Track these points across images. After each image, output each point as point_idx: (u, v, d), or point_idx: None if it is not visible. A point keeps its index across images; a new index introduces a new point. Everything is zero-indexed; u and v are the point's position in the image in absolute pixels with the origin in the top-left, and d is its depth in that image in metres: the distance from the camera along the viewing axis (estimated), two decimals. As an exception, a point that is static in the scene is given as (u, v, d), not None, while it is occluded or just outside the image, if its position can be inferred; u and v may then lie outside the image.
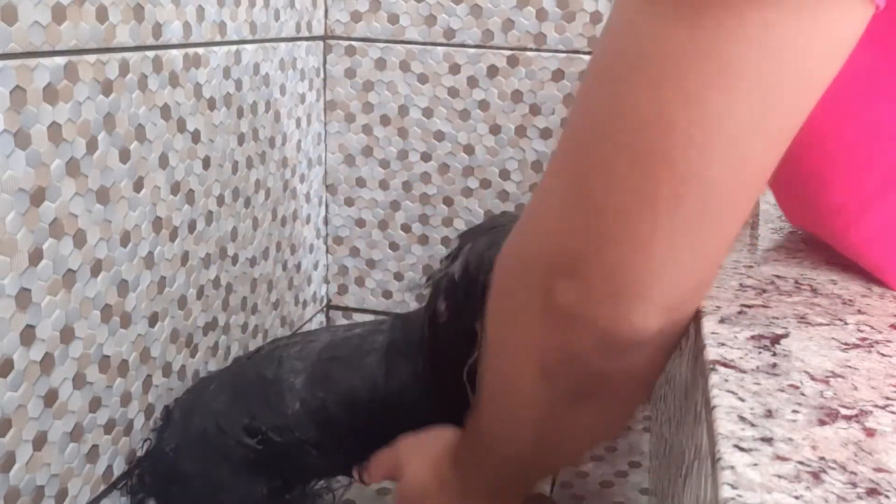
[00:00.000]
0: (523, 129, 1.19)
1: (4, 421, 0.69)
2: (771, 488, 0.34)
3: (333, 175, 1.28)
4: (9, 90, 0.65)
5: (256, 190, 1.07)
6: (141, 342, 0.85)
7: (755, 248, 0.69)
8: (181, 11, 0.86)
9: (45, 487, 0.74)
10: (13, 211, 0.67)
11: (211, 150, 0.95)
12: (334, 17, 1.21)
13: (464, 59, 1.18)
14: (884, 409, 0.41)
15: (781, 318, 0.52)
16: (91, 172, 0.75)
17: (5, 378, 0.68)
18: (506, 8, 1.15)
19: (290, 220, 1.18)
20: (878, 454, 0.37)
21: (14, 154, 0.67)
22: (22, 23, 0.66)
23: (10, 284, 0.68)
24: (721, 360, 0.45)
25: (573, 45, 1.14)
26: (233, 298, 1.03)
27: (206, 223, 0.96)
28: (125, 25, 0.78)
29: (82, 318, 0.76)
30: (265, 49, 1.05)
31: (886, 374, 0.45)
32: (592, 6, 1.12)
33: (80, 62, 0.73)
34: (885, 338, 0.50)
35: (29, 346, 0.70)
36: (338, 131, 1.26)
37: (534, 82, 1.17)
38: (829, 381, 0.43)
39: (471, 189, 1.23)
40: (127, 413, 0.84)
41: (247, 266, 1.06)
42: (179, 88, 0.87)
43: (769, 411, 0.40)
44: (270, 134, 1.09)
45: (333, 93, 1.24)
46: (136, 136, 0.81)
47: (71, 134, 0.72)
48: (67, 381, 0.75)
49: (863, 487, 0.34)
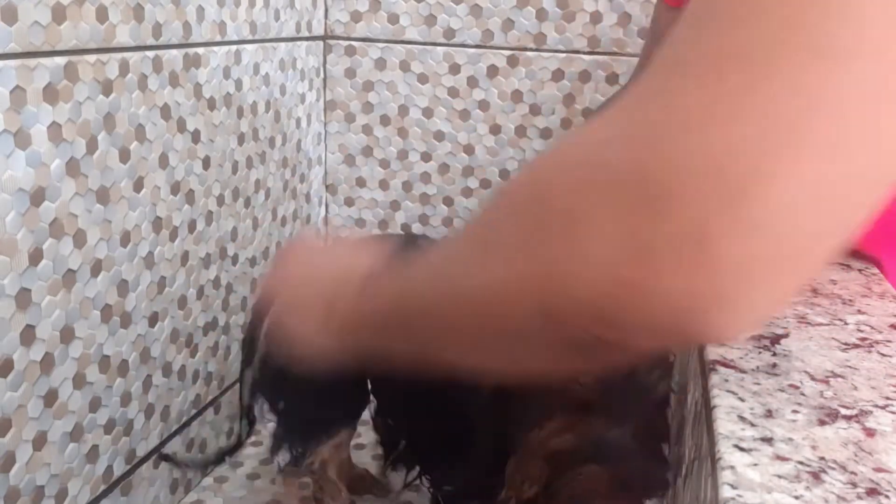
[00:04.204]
0: (523, 129, 1.19)
1: (4, 421, 0.69)
2: (771, 488, 0.34)
3: (333, 175, 1.28)
4: (9, 90, 0.65)
5: (256, 190, 1.07)
6: (141, 342, 0.85)
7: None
8: (181, 11, 0.86)
9: (45, 487, 0.74)
10: (13, 211, 0.67)
11: (211, 150, 0.95)
12: (334, 17, 1.21)
13: (464, 59, 1.18)
14: (884, 409, 0.41)
15: (781, 318, 0.52)
16: (91, 172, 0.75)
17: (5, 378, 0.68)
18: (506, 8, 1.15)
19: (290, 220, 1.18)
20: (878, 454, 0.37)
21: (14, 154, 0.67)
22: (22, 23, 0.66)
23: (10, 284, 0.68)
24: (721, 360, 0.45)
25: (573, 45, 1.14)
26: (233, 298, 1.04)
27: (206, 223, 0.96)
28: (125, 25, 0.78)
29: (82, 318, 0.76)
30: (265, 49, 1.05)
31: (886, 374, 0.45)
32: (592, 6, 1.12)
33: (80, 62, 0.73)
34: (885, 338, 0.50)
35: (29, 346, 0.70)
36: (338, 131, 1.26)
37: (534, 82, 1.17)
38: (829, 381, 0.43)
39: (471, 189, 1.23)
40: (127, 413, 0.84)
41: (247, 266, 1.06)
42: (179, 88, 0.87)
43: (769, 411, 0.40)
44: (270, 134, 1.09)
45: (333, 93, 1.24)
46: (136, 136, 0.81)
47: (71, 134, 0.72)
48: (67, 381, 0.75)
49: (863, 487, 0.34)
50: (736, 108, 0.29)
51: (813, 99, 0.28)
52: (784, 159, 0.29)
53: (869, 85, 0.29)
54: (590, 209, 0.32)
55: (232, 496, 0.99)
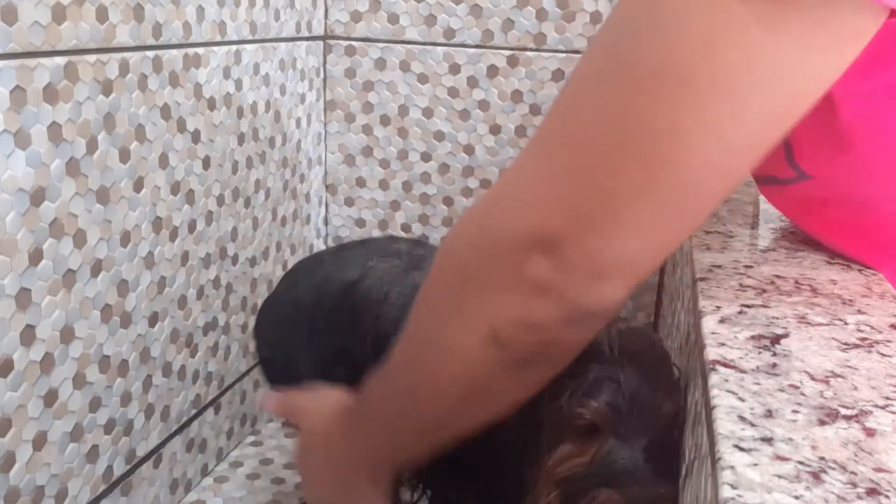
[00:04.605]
0: (523, 129, 1.19)
1: (4, 421, 0.69)
2: (771, 488, 0.34)
3: (333, 175, 1.28)
4: (9, 90, 0.65)
5: (256, 190, 1.07)
6: (141, 342, 0.85)
7: (755, 248, 0.69)
8: (181, 11, 0.86)
9: (45, 487, 0.74)
10: (13, 211, 0.67)
11: (211, 150, 0.95)
12: (334, 17, 1.21)
13: (464, 59, 1.18)
14: (884, 409, 0.41)
15: (781, 318, 0.52)
16: (91, 172, 0.75)
17: (5, 378, 0.68)
18: (506, 8, 1.15)
19: (290, 220, 1.18)
20: (878, 454, 0.37)
21: (14, 154, 0.67)
22: (22, 23, 0.66)
23: (10, 284, 0.68)
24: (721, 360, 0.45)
25: (573, 45, 1.14)
26: (233, 298, 1.03)
27: (206, 223, 0.96)
28: (125, 25, 0.78)
29: (82, 318, 0.76)
30: (265, 49, 1.05)
31: (886, 374, 0.45)
32: (592, 6, 1.12)
33: (80, 62, 0.73)
34: (885, 338, 0.50)
35: (29, 346, 0.70)
36: (338, 131, 1.26)
37: (534, 82, 1.17)
38: (829, 381, 0.43)
39: (471, 189, 1.23)
40: (127, 413, 0.84)
41: (247, 266, 1.06)
42: (179, 88, 0.87)
43: (769, 411, 0.40)
44: (270, 134, 1.09)
45: (333, 93, 1.24)
46: (136, 136, 0.81)
47: (71, 134, 0.72)
48: (67, 381, 0.75)
49: (863, 487, 0.34)
50: (574, 175, 0.44)
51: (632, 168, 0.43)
52: (611, 210, 0.43)
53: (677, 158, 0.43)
54: (484, 265, 0.48)
55: (232, 496, 1.00)
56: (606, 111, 0.43)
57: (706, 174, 0.43)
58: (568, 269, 0.45)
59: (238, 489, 1.01)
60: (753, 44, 0.39)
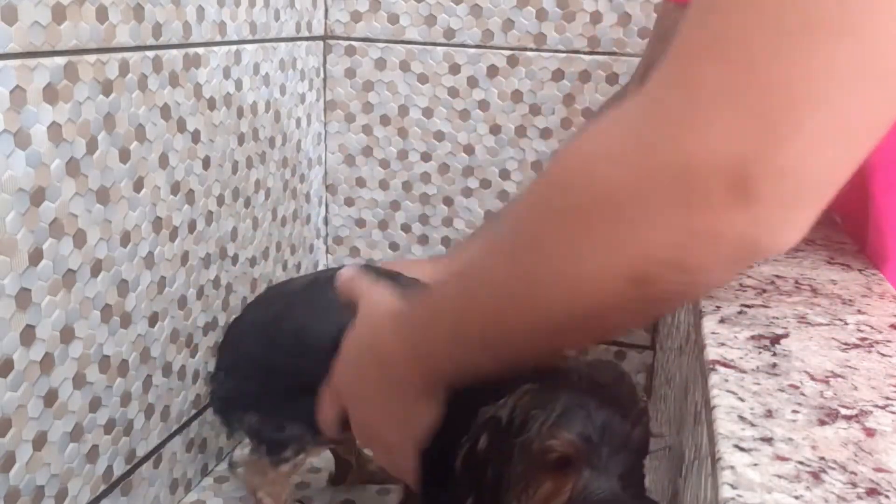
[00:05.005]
0: (523, 129, 1.19)
1: (4, 421, 0.69)
2: (771, 488, 0.34)
3: (333, 175, 1.28)
4: (9, 90, 0.65)
5: (256, 190, 1.07)
6: (141, 342, 0.86)
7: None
8: (181, 11, 0.86)
9: (45, 487, 0.74)
10: (13, 211, 0.67)
11: (211, 150, 0.95)
12: (334, 17, 1.21)
13: (464, 59, 1.18)
14: (884, 409, 0.41)
15: (781, 318, 0.52)
16: (91, 172, 0.75)
17: (5, 378, 0.68)
18: (506, 8, 1.15)
19: (290, 220, 1.18)
20: (878, 454, 0.37)
21: (14, 154, 0.67)
22: (22, 23, 0.66)
23: (10, 284, 0.68)
24: (721, 360, 0.46)
25: (573, 45, 1.14)
26: (233, 298, 1.03)
27: (206, 223, 0.96)
28: (125, 25, 0.78)
29: (82, 318, 0.76)
30: (265, 49, 1.05)
31: (886, 374, 0.45)
32: (592, 6, 1.12)
33: (80, 62, 0.73)
34: (885, 338, 0.50)
35: (29, 346, 0.70)
36: (338, 131, 1.26)
37: (534, 82, 1.17)
38: (829, 381, 0.43)
39: (471, 189, 1.23)
40: (127, 413, 0.84)
41: (247, 266, 1.06)
42: (179, 88, 0.87)
43: (769, 411, 0.40)
44: (270, 134, 1.09)
45: (333, 93, 1.24)
46: (136, 136, 0.81)
47: (71, 134, 0.72)
48: (67, 381, 0.75)
49: (863, 487, 0.34)
50: (751, 87, 0.37)
51: (811, 71, 0.36)
52: (796, 121, 0.37)
53: (858, 54, 0.36)
54: (648, 197, 0.40)
55: (232, 496, 1.00)
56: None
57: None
58: (759, 203, 0.38)
59: (238, 489, 1.01)
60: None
